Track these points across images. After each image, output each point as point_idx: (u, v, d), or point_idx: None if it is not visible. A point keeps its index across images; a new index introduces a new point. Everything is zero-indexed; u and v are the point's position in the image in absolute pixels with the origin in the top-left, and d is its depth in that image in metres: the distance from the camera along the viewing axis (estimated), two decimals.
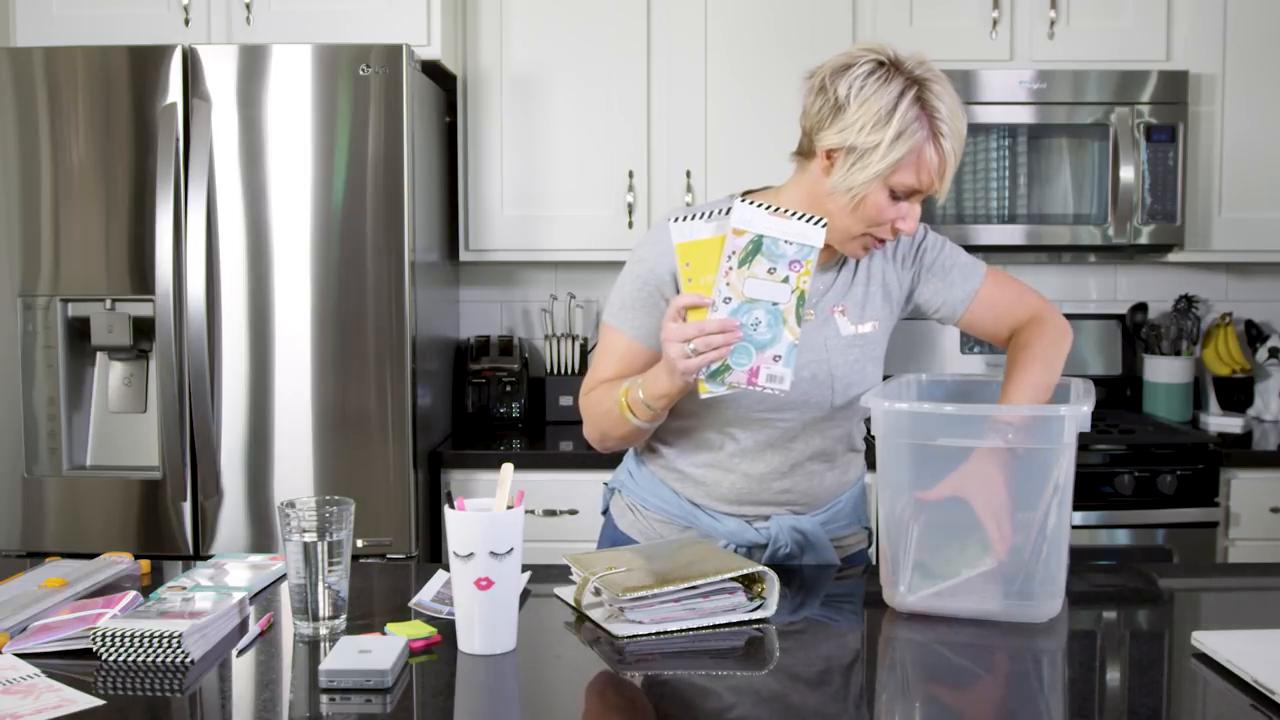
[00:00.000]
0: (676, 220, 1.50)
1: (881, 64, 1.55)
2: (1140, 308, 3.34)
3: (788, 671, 1.35)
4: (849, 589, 1.71)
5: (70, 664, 1.32)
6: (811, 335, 1.70)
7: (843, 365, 1.71)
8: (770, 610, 1.48)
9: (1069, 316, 3.33)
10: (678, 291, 1.64)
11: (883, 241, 1.65)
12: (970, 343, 3.32)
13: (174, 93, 2.58)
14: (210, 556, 1.96)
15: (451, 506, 1.35)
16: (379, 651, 1.29)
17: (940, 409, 1.49)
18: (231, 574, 1.64)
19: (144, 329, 2.64)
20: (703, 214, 1.53)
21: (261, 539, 2.63)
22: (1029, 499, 1.47)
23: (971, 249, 3.16)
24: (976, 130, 2.98)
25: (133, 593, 1.49)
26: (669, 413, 1.69)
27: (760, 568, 1.50)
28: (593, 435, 1.77)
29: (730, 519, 1.77)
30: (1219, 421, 3.20)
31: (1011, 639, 1.42)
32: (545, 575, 1.66)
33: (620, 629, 1.42)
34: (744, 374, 1.49)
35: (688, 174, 3.07)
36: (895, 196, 1.58)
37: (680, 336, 1.47)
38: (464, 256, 3.13)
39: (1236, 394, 3.30)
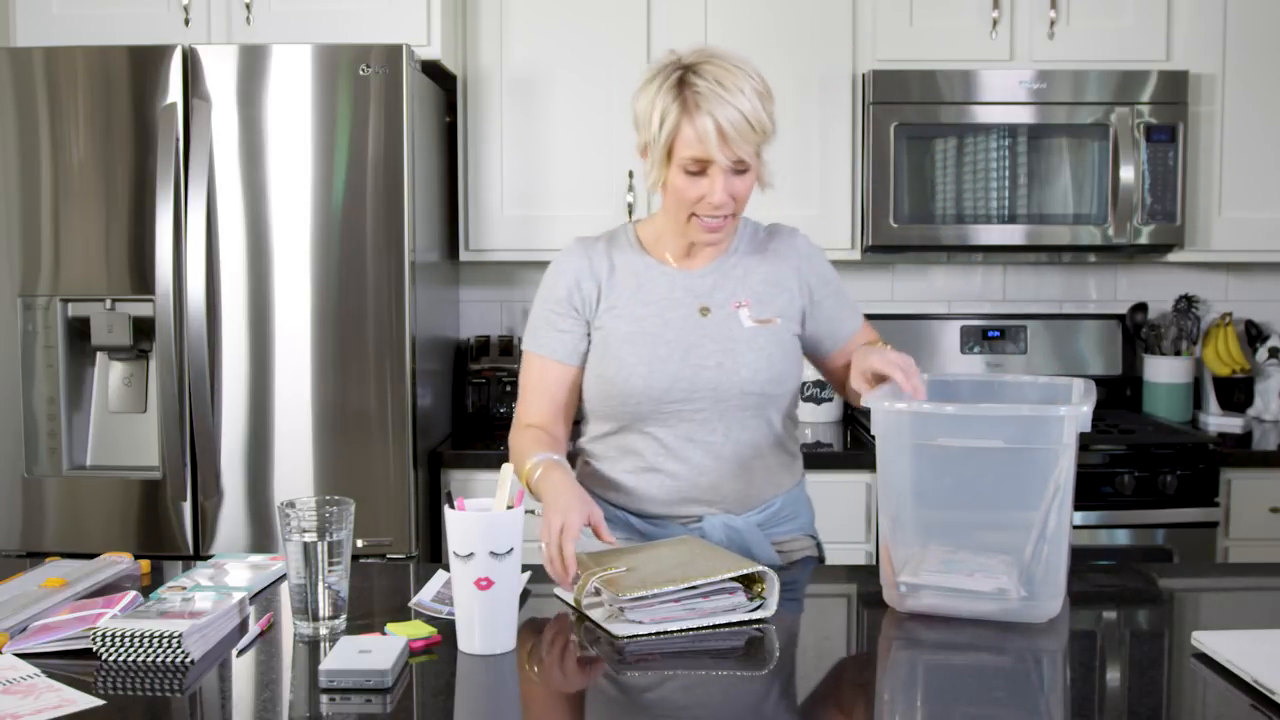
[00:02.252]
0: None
1: (661, 65, 1.70)
2: (1140, 308, 3.34)
3: (788, 671, 1.35)
4: (849, 589, 1.71)
5: (70, 664, 1.32)
6: (716, 329, 1.78)
7: (749, 353, 1.77)
8: (770, 610, 1.48)
9: (1069, 316, 3.37)
10: (574, 305, 1.79)
11: (713, 221, 1.71)
12: (970, 342, 3.32)
13: (174, 93, 2.58)
14: (210, 556, 1.96)
15: (451, 506, 1.35)
16: (379, 651, 1.29)
17: (941, 409, 1.49)
18: (231, 574, 1.64)
19: (144, 329, 2.64)
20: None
21: (261, 539, 2.63)
22: (1030, 499, 1.47)
23: (971, 249, 3.19)
24: (976, 130, 2.98)
25: (133, 593, 1.49)
26: (592, 420, 1.84)
27: (760, 567, 1.50)
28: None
29: (665, 523, 1.79)
30: (1219, 421, 3.20)
31: (1011, 639, 1.42)
32: (545, 575, 1.66)
33: (620, 629, 1.42)
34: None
35: None
36: (692, 173, 1.68)
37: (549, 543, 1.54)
38: (464, 256, 3.13)
39: (1236, 394, 3.29)
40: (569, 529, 1.51)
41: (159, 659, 1.32)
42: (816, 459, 2.84)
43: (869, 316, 3.29)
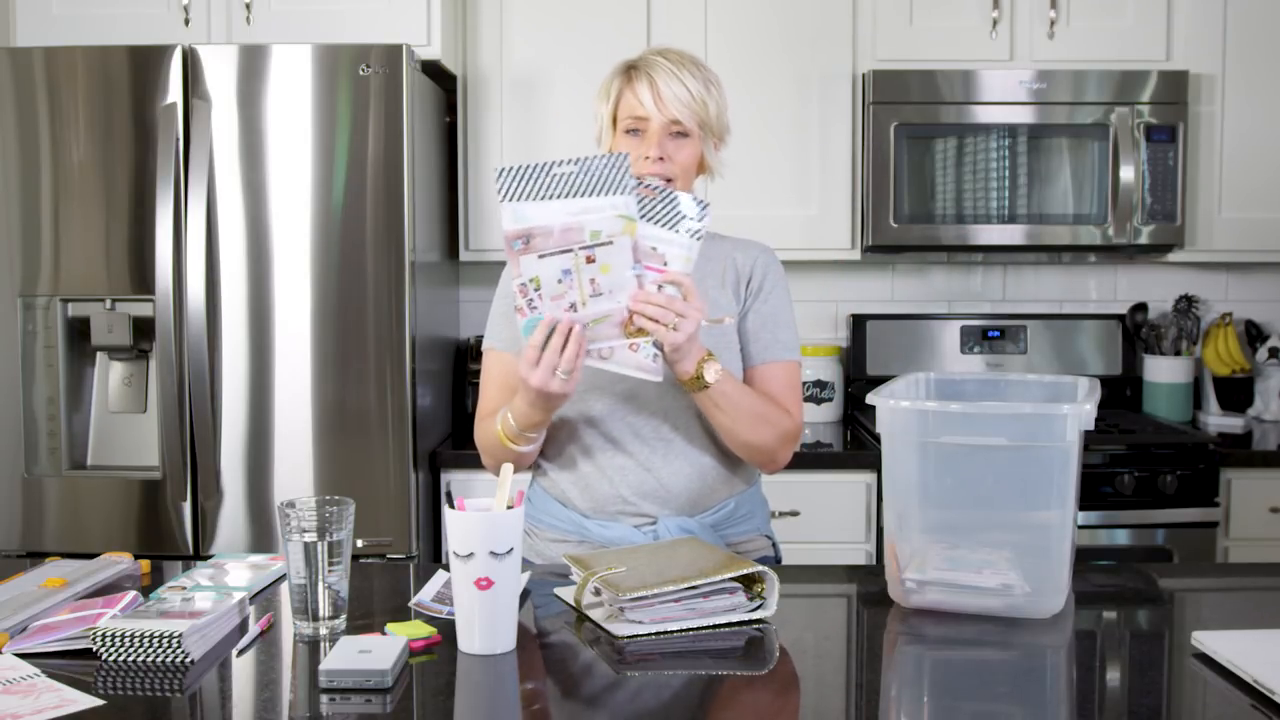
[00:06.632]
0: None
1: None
2: (1140, 308, 3.34)
3: (788, 671, 1.35)
4: (849, 589, 1.71)
5: (70, 664, 1.32)
6: None
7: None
8: (770, 610, 1.48)
9: (1069, 316, 3.37)
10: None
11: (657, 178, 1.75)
12: (970, 342, 3.32)
13: (174, 93, 2.58)
14: (210, 556, 1.96)
15: (451, 506, 1.35)
16: (379, 651, 1.29)
17: (945, 407, 1.50)
18: (231, 574, 1.64)
19: (144, 329, 2.64)
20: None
21: (261, 539, 2.63)
22: (1033, 498, 1.47)
23: (971, 249, 3.19)
24: (976, 130, 2.98)
25: (133, 593, 1.49)
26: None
27: (760, 568, 1.50)
28: (489, 464, 1.81)
29: (617, 525, 1.79)
30: (1219, 421, 3.20)
31: (1015, 635, 1.42)
32: (545, 575, 1.66)
33: (620, 629, 1.42)
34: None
35: None
36: (631, 132, 1.78)
37: (548, 365, 1.59)
38: (464, 256, 3.13)
39: (1236, 394, 3.30)
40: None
41: (159, 659, 1.32)
42: (816, 459, 2.84)
43: (868, 316, 3.35)
